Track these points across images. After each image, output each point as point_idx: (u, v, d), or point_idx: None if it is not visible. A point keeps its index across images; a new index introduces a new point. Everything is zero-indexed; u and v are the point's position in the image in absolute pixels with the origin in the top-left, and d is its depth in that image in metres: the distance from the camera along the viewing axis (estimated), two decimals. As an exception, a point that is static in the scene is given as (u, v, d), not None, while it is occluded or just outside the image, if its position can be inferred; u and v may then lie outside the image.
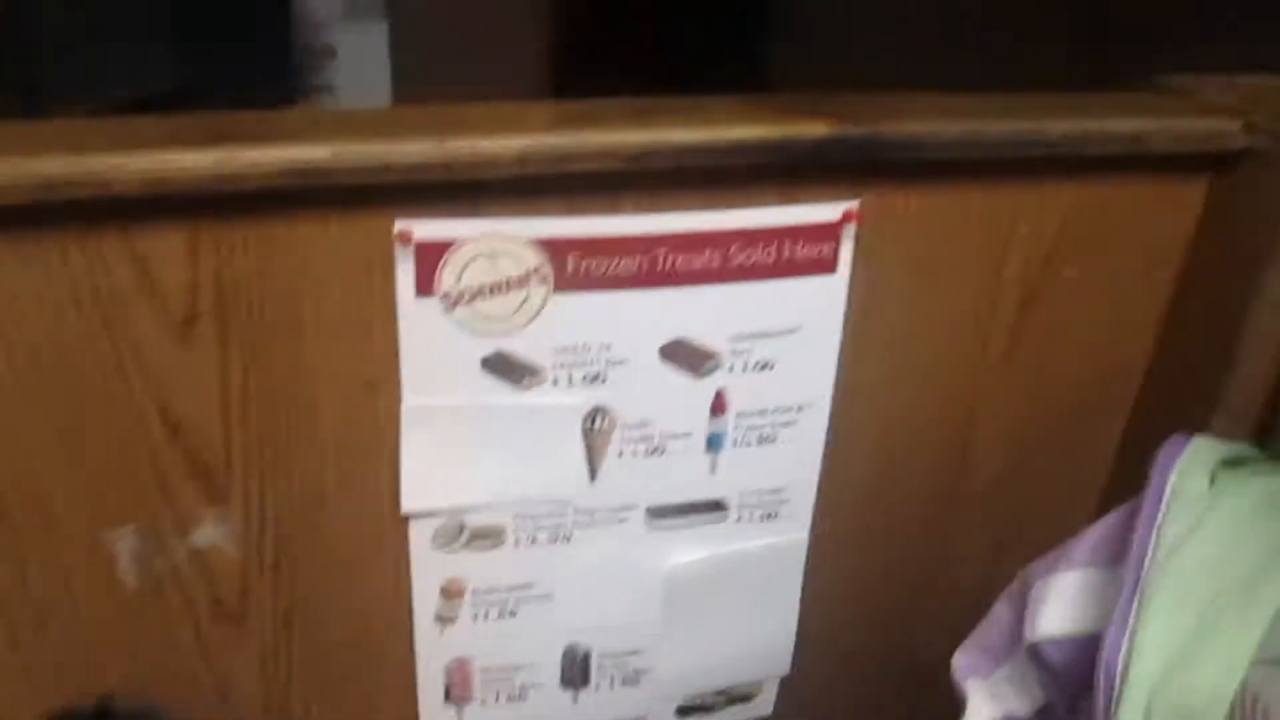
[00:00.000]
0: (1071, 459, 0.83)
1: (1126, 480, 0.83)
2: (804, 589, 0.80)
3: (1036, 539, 0.86)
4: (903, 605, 0.86)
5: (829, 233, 0.66)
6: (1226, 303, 0.73)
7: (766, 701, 0.85)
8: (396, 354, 0.63)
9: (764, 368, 0.69)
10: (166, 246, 0.57)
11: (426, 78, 1.98)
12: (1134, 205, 0.72)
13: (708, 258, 0.64)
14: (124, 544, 0.65)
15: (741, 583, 0.77)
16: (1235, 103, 0.71)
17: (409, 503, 0.67)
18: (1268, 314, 0.71)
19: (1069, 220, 0.71)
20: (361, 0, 1.89)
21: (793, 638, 0.82)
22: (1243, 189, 0.71)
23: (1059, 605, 0.58)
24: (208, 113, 0.58)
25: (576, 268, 0.62)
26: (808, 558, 0.78)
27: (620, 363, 0.66)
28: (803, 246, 0.65)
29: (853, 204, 0.66)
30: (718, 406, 0.69)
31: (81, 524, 0.64)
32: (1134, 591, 0.52)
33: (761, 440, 0.71)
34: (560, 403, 0.66)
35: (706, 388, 0.68)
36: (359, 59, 1.74)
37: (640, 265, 0.63)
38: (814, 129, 0.62)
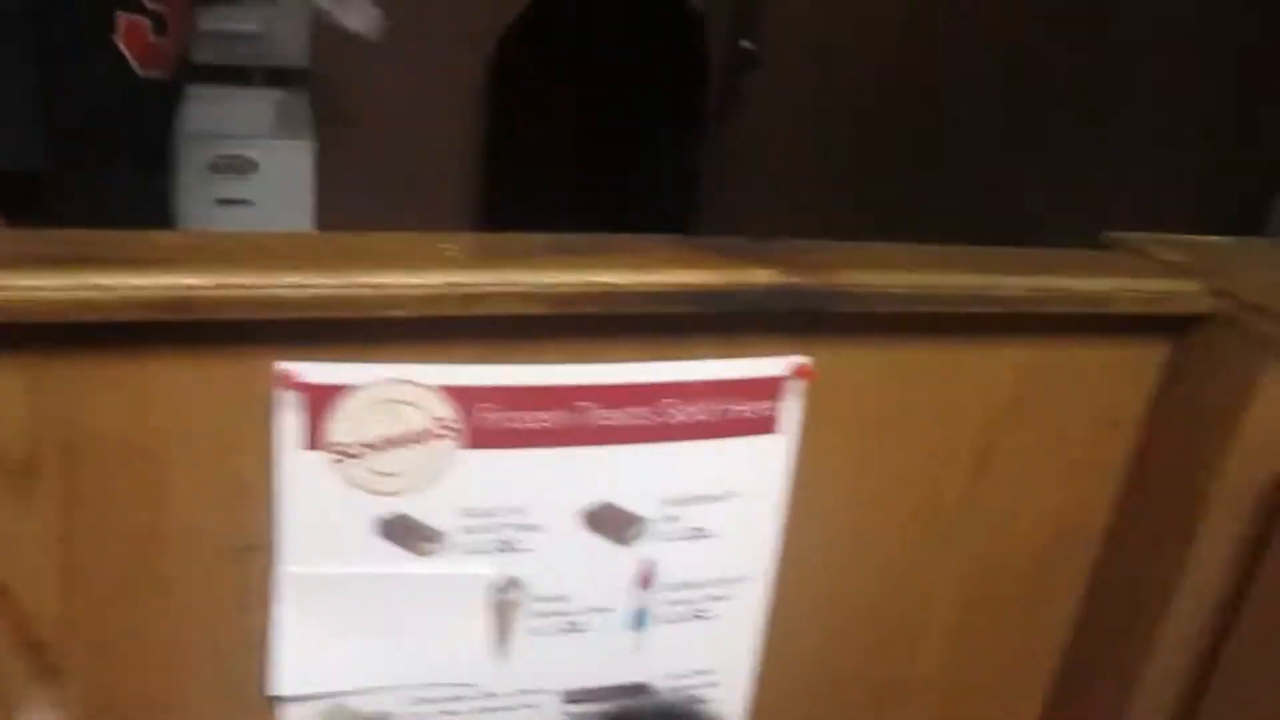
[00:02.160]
0: (1023, 636, 0.76)
1: (1081, 663, 0.77)
2: (735, 782, 0.71)
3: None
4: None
5: (771, 389, 0.60)
6: (1188, 467, 0.68)
7: None
8: (275, 515, 0.54)
9: (697, 535, 0.61)
10: (6, 384, 0.49)
11: (351, 199, 1.92)
12: (1092, 366, 0.68)
13: (637, 413, 0.57)
14: (-70, 732, 0.54)
15: (665, 776, 0.68)
16: (1191, 263, 0.67)
17: (283, 686, 0.57)
18: (1231, 477, 0.66)
19: (1024, 380, 0.66)
20: (289, 115, 1.84)
21: (720, 837, 0.72)
22: (1204, 352, 0.67)
23: None
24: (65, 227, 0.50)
25: (489, 421, 0.55)
26: (740, 750, 0.70)
27: (535, 528, 0.58)
28: (743, 403, 0.59)
29: (801, 359, 0.60)
30: (644, 578, 0.61)
31: (-121, 708, 0.53)
32: None
33: (693, 616, 0.64)
34: (465, 572, 0.58)
35: (632, 557, 0.61)
36: (281, 174, 1.68)
37: (561, 420, 0.56)
38: (759, 276, 0.56)
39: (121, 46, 1.13)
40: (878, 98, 2.11)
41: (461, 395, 0.54)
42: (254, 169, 1.66)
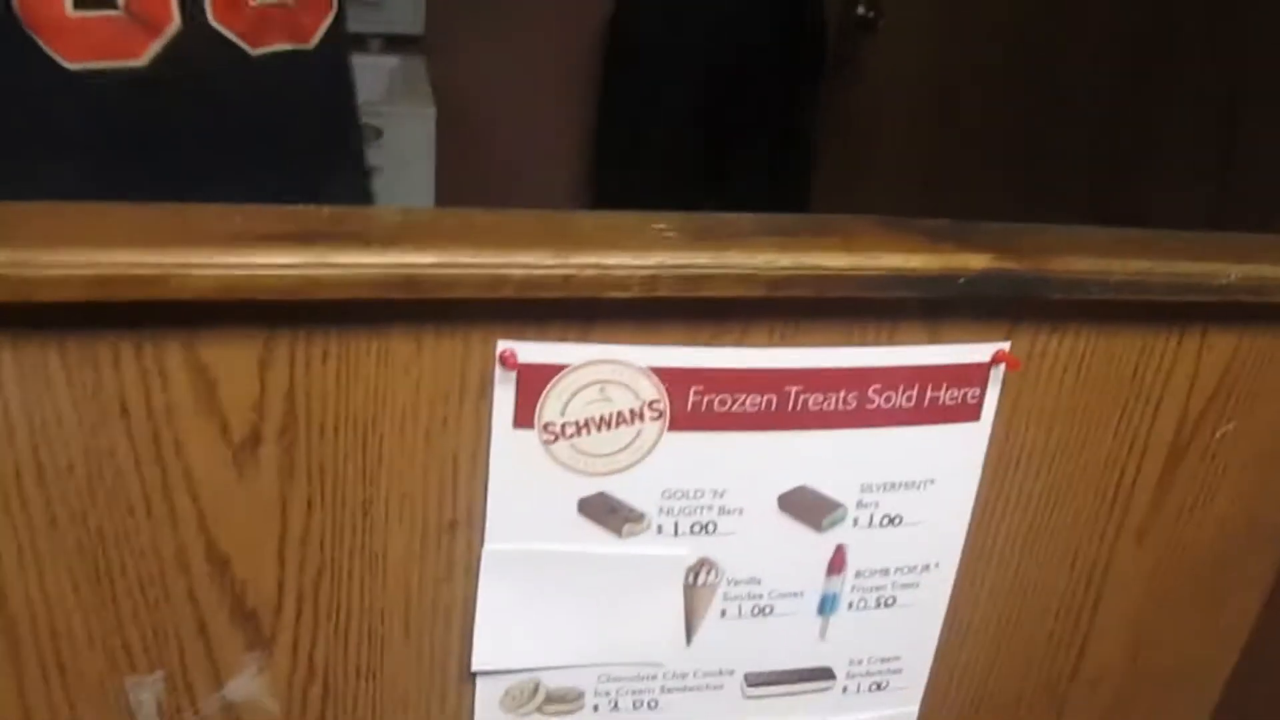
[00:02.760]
0: (1204, 629, 0.74)
1: (1262, 658, 0.74)
2: (906, 768, 0.70)
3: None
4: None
5: (976, 375, 0.58)
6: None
7: None
8: (484, 492, 0.54)
9: (891, 522, 0.60)
10: (234, 358, 0.50)
11: (470, 166, 1.93)
12: (1300, 357, 0.65)
13: (843, 399, 0.56)
14: (147, 692, 0.56)
15: (839, 760, 0.68)
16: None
17: (481, 659, 0.58)
18: None
19: (1229, 372, 0.64)
20: (409, 82, 1.86)
21: (888, 822, 0.72)
22: None
23: None
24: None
25: (697, 403, 0.54)
26: (914, 735, 0.69)
27: (734, 511, 0.57)
28: (947, 390, 0.58)
29: (1003, 345, 0.58)
30: (836, 564, 0.61)
31: (103, 668, 0.55)
32: None
33: (880, 603, 0.63)
34: (663, 553, 0.57)
35: (826, 543, 0.60)
36: (405, 141, 1.69)
37: (768, 404, 0.55)
38: (973, 261, 0.54)
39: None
40: (997, 62, 2.05)
41: (670, 377, 0.54)
42: (378, 136, 1.68)
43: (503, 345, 0.51)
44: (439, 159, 1.81)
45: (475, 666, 0.58)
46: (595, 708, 0.61)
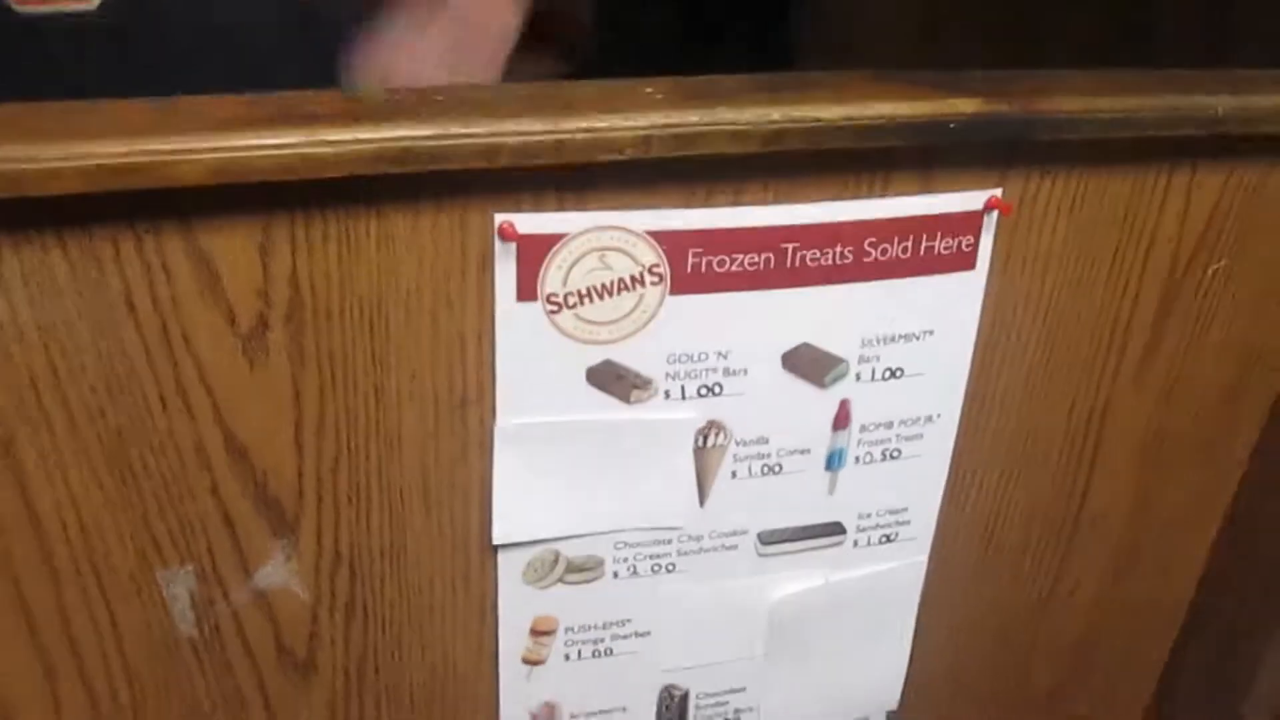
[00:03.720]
0: (1205, 466, 0.76)
1: (1257, 495, 0.76)
2: (919, 615, 0.73)
3: (1157, 557, 0.79)
4: (1018, 628, 0.78)
5: (970, 223, 0.59)
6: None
7: (869, 738, 0.78)
8: (493, 367, 0.55)
9: (892, 375, 0.61)
10: (234, 244, 0.50)
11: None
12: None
13: (840, 253, 0.57)
14: (179, 585, 0.57)
15: (854, 611, 0.70)
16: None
17: (501, 533, 0.59)
18: None
19: (1221, 207, 0.64)
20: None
21: (904, 668, 0.74)
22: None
23: None
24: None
25: (696, 265, 0.55)
26: (925, 582, 0.71)
27: (738, 372, 0.58)
28: (942, 239, 0.58)
29: (995, 192, 0.59)
30: (841, 419, 0.62)
31: (132, 561, 0.56)
32: None
33: (885, 456, 0.64)
34: (672, 417, 0.59)
35: (830, 399, 0.61)
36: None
37: (766, 262, 0.56)
38: (962, 106, 0.55)
39: None
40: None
41: (668, 240, 0.54)
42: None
43: (500, 218, 0.51)
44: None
45: (495, 540, 0.60)
46: (615, 574, 0.63)
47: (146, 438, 0.53)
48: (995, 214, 0.59)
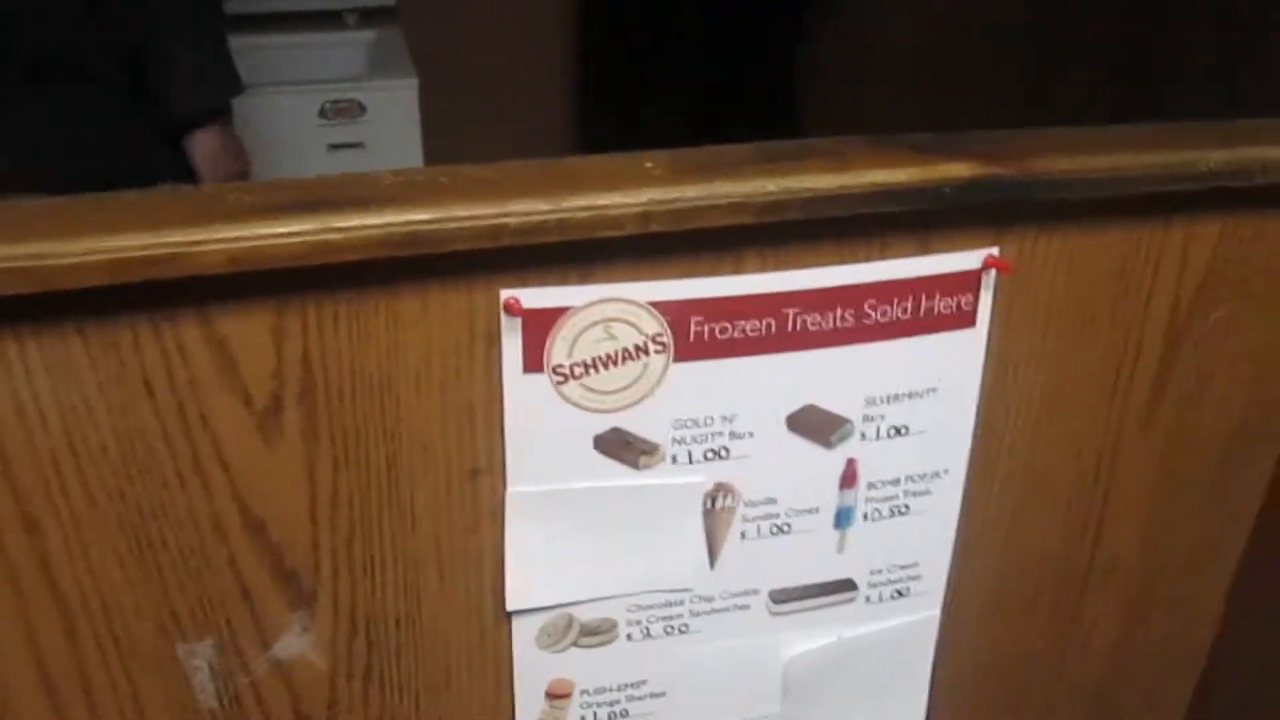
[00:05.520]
0: (1214, 512, 0.76)
1: (1269, 540, 0.76)
2: (934, 669, 0.73)
3: (1174, 599, 0.79)
4: (1036, 676, 0.78)
5: (969, 282, 0.60)
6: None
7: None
8: (502, 437, 0.56)
9: (898, 433, 0.62)
10: (248, 328, 0.51)
11: (457, 131, 1.93)
12: (1285, 238, 0.66)
13: (840, 316, 0.58)
14: (200, 659, 0.58)
15: (868, 667, 0.70)
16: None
17: (515, 599, 0.60)
18: None
19: (1218, 257, 0.65)
20: (389, 56, 1.85)
21: (920, 723, 0.74)
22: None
23: None
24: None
25: (699, 333, 0.56)
26: (939, 636, 0.71)
27: (744, 435, 0.59)
28: (941, 299, 0.59)
29: (993, 250, 0.60)
30: (848, 478, 0.63)
31: (153, 638, 0.57)
32: None
33: (894, 512, 0.65)
34: (680, 482, 0.59)
35: (836, 458, 0.62)
36: (389, 114, 1.70)
37: (768, 327, 0.57)
38: (957, 170, 0.56)
39: None
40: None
41: (671, 310, 0.55)
42: (362, 112, 1.68)
43: (506, 293, 0.53)
44: (425, 128, 1.81)
45: (510, 606, 0.60)
46: (629, 636, 0.63)
47: (166, 515, 0.54)
48: (994, 272, 0.60)
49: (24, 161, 1.20)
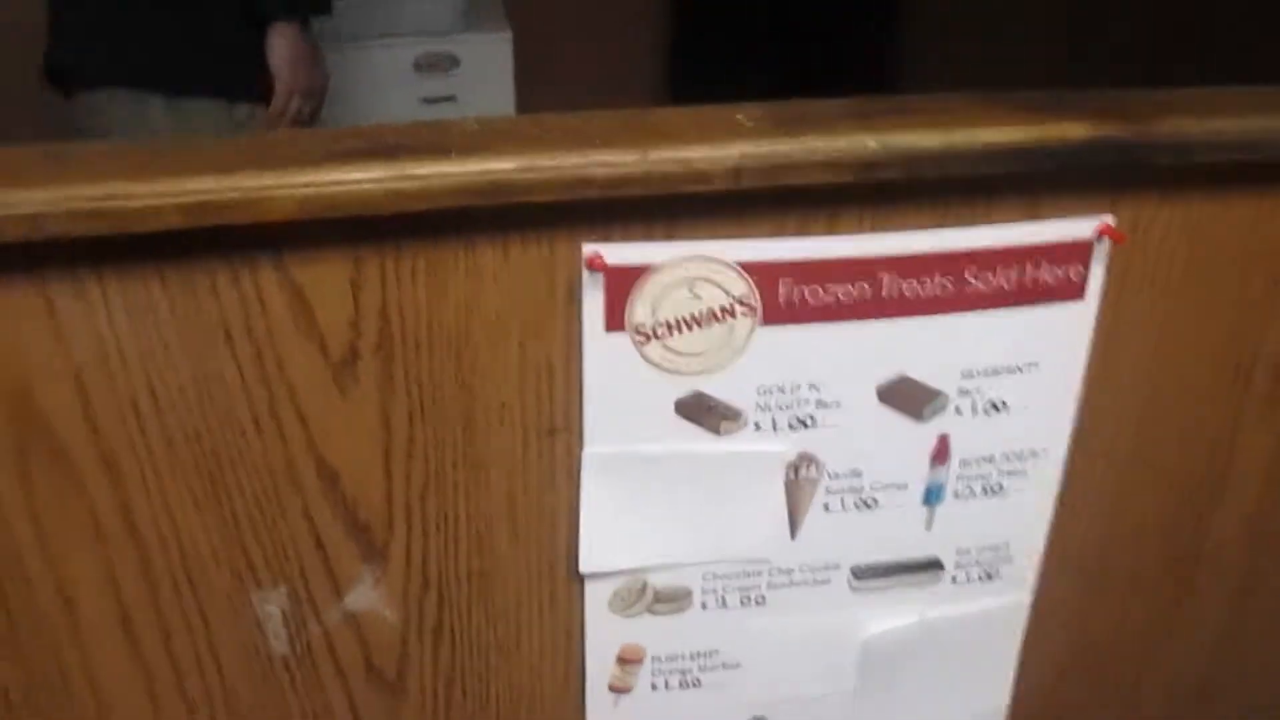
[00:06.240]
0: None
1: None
2: (1021, 655, 0.70)
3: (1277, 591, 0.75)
4: (1129, 670, 0.75)
5: (1079, 253, 0.56)
6: None
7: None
8: (580, 397, 0.55)
9: (995, 409, 0.59)
10: (326, 276, 0.50)
11: (550, 83, 1.92)
12: None
13: (938, 283, 0.55)
14: (273, 606, 0.58)
15: (951, 650, 0.67)
16: None
17: (588, 561, 0.59)
18: None
19: (1358, 232, 0.60)
20: (483, 9, 1.84)
21: (1004, 708, 0.72)
22: None
23: None
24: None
25: (788, 296, 0.53)
26: (1028, 621, 0.68)
27: (831, 405, 0.57)
28: (1048, 269, 0.56)
29: (1107, 218, 0.56)
30: (939, 454, 0.60)
31: (228, 583, 0.57)
32: None
33: (986, 491, 0.62)
34: (762, 450, 0.57)
35: (928, 433, 0.59)
36: (482, 67, 1.69)
37: (861, 292, 0.54)
38: (1072, 130, 0.52)
39: None
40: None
41: (759, 271, 0.53)
42: (455, 64, 1.67)
43: (588, 248, 0.51)
44: (517, 82, 1.79)
45: (582, 569, 0.59)
46: (703, 605, 0.62)
47: (241, 461, 0.54)
48: (1107, 241, 0.56)
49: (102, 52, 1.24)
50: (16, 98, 1.54)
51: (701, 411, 0.56)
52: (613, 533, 0.58)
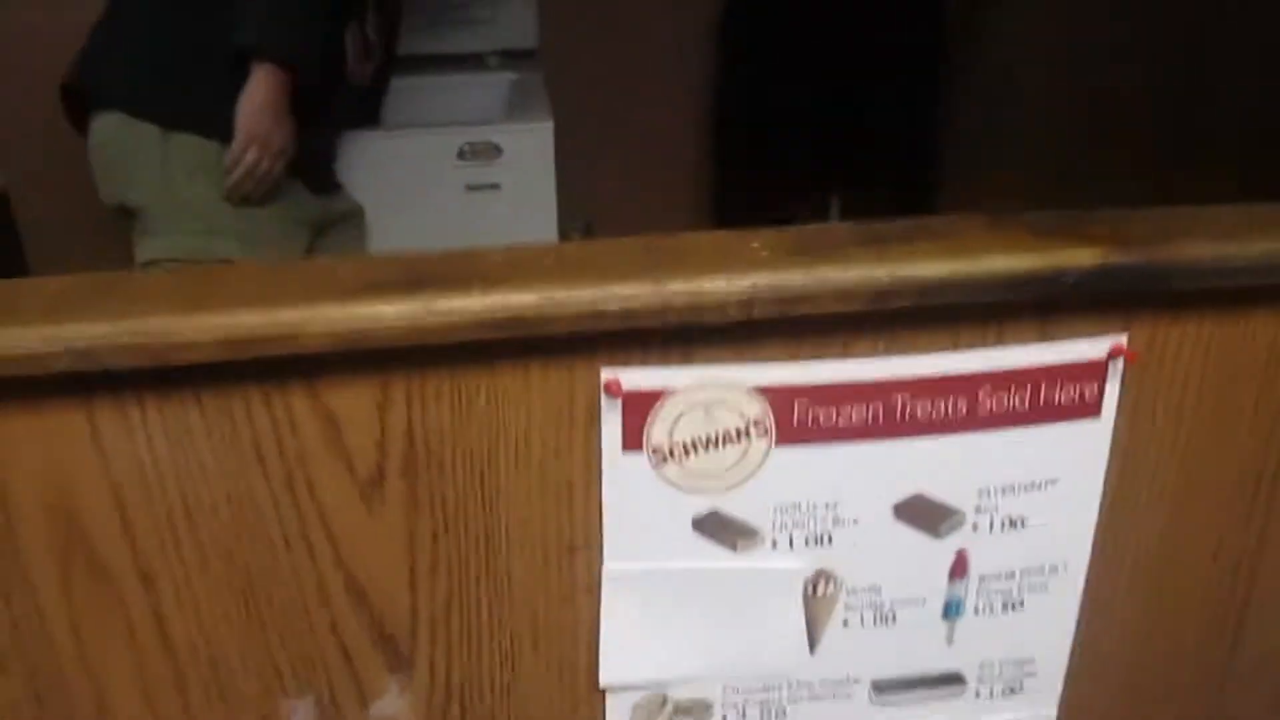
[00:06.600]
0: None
1: None
2: (1050, 771, 0.69)
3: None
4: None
5: (1093, 372, 0.56)
6: None
7: None
8: (600, 515, 0.56)
9: (1013, 525, 0.59)
10: (355, 402, 0.52)
11: (591, 172, 1.96)
12: None
13: (952, 404, 0.55)
14: (302, 715, 0.59)
15: (977, 764, 0.67)
16: None
17: (609, 675, 0.60)
18: None
19: (1373, 350, 0.60)
20: (527, 98, 1.89)
21: (1033, 827, 0.70)
22: None
23: None
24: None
25: (802, 418, 0.54)
26: (1057, 735, 0.68)
27: (848, 521, 0.57)
28: (1062, 389, 0.56)
29: (1120, 338, 0.56)
30: (958, 569, 0.60)
31: (258, 692, 0.58)
32: None
33: (1007, 606, 0.62)
34: (779, 566, 0.58)
35: (946, 548, 0.59)
36: (525, 156, 1.73)
37: (874, 414, 0.55)
38: (1081, 258, 0.53)
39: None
40: (1131, 31, 1.94)
41: (773, 394, 0.54)
42: (498, 153, 1.72)
43: (607, 374, 0.53)
44: (559, 171, 1.83)
45: (603, 682, 0.60)
46: (724, 718, 0.62)
47: (272, 575, 0.56)
48: (1121, 360, 0.57)
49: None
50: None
51: (719, 529, 0.57)
52: (633, 647, 0.59)
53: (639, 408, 0.53)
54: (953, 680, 0.64)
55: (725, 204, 2.20)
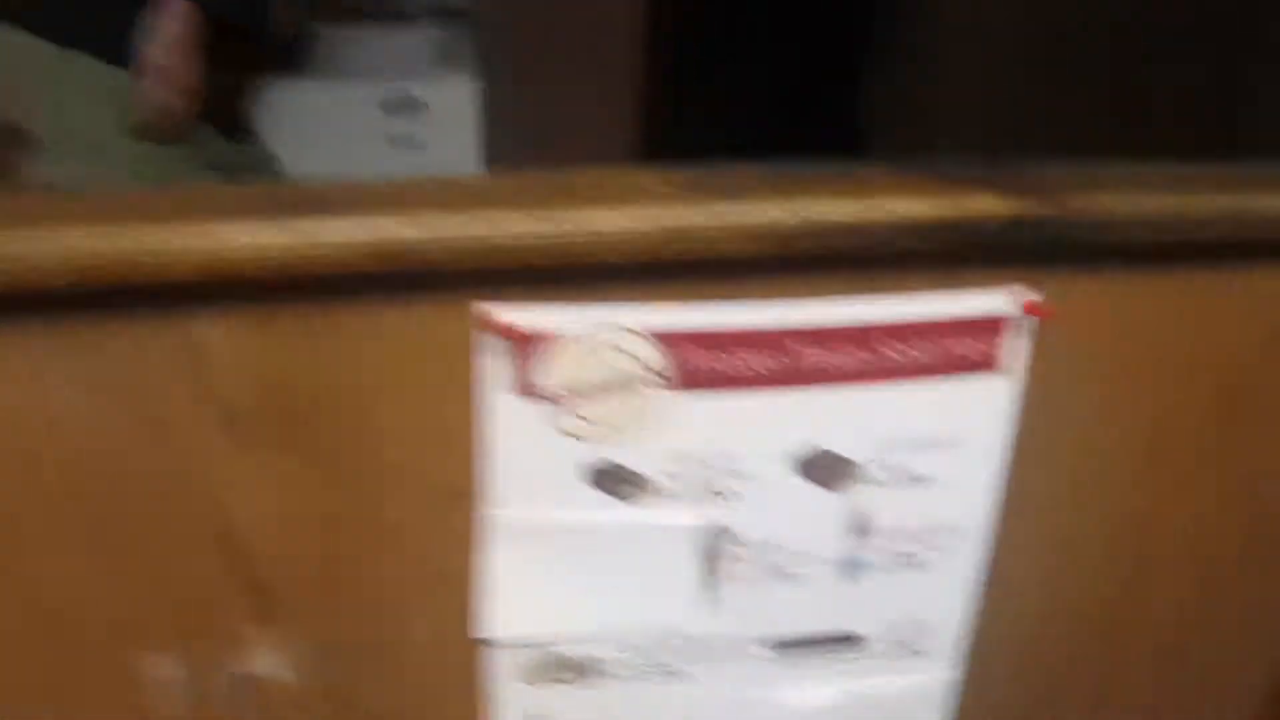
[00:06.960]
0: (1262, 585, 0.70)
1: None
2: (949, 733, 0.68)
3: (1211, 681, 0.73)
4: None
5: (999, 326, 0.55)
6: None
7: None
8: (485, 462, 0.53)
9: (915, 482, 0.58)
10: (224, 335, 0.49)
11: (516, 131, 1.92)
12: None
13: (852, 354, 0.54)
14: (163, 670, 0.56)
15: (873, 726, 0.66)
16: None
17: (493, 630, 0.57)
18: None
19: (1282, 313, 0.60)
20: (451, 53, 1.85)
21: (929, 789, 0.70)
22: None
23: None
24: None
25: (701, 365, 0.52)
26: (961, 695, 0.67)
27: (745, 475, 0.56)
28: (965, 342, 0.55)
29: (1030, 294, 0.55)
30: (857, 526, 0.58)
31: (116, 645, 0.55)
32: None
33: (908, 564, 0.60)
34: (674, 521, 0.56)
35: (845, 505, 0.58)
36: (449, 112, 1.69)
37: (773, 362, 0.53)
38: (991, 208, 0.51)
39: None
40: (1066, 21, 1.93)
41: (670, 339, 0.52)
42: (424, 109, 1.67)
43: (496, 313, 0.50)
44: (490, 130, 1.79)
45: (488, 636, 0.57)
46: (616, 677, 0.60)
47: (141, 521, 0.52)
48: (1030, 317, 0.55)
49: None
50: None
51: (613, 480, 0.55)
52: (520, 600, 0.57)
53: (529, 350, 0.51)
54: (852, 640, 0.62)
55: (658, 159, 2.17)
